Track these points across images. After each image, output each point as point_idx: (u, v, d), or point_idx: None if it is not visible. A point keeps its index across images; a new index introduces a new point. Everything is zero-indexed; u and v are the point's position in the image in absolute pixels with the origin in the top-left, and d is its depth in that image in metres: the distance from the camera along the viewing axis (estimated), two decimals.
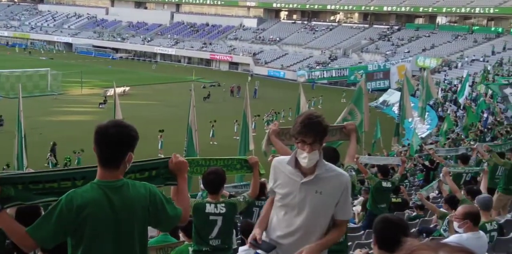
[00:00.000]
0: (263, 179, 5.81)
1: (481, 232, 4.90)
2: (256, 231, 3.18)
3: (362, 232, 8.78)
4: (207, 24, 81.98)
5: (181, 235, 5.65)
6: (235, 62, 70.18)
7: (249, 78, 52.31)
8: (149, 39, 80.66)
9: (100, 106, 38.17)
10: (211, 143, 28.32)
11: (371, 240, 3.37)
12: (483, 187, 8.43)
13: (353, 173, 4.58)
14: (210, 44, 75.59)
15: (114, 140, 2.59)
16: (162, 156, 3.48)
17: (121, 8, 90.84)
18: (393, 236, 2.90)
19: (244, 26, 79.08)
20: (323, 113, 3.01)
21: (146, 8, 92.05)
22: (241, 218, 7.35)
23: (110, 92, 37.24)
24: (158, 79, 55.71)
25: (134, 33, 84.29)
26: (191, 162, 4.56)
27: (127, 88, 45.30)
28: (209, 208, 4.76)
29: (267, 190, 3.34)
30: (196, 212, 4.75)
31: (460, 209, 5.00)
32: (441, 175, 9.33)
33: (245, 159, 4.91)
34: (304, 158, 2.99)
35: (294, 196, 3.11)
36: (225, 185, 9.40)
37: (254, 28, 77.56)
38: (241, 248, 5.34)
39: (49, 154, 24.13)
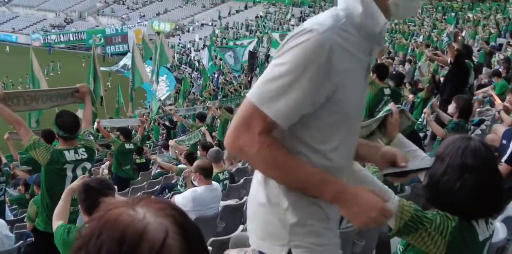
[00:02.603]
0: None
1: (215, 184, 5.16)
2: None
3: None
4: None
5: None
6: None
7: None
8: None
9: None
10: None
11: None
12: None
13: (91, 137, 4.51)
14: None
15: None
16: None
17: None
18: (93, 201, 2.91)
19: None
20: (64, 79, 2.81)
21: None
22: None
23: None
24: None
25: None
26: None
27: None
28: None
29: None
30: None
31: (194, 163, 5.39)
32: (169, 145, 10.62)
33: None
34: None
35: (361, 91, 1.68)
36: None
37: None
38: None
39: None
